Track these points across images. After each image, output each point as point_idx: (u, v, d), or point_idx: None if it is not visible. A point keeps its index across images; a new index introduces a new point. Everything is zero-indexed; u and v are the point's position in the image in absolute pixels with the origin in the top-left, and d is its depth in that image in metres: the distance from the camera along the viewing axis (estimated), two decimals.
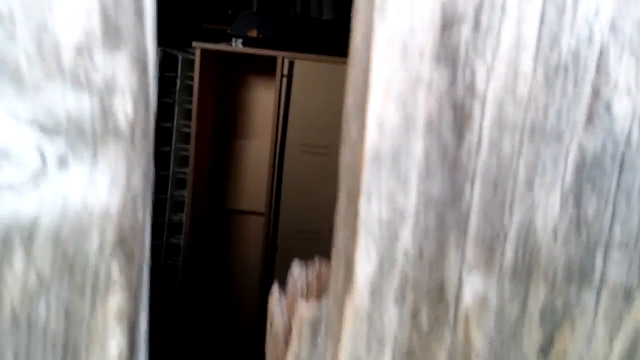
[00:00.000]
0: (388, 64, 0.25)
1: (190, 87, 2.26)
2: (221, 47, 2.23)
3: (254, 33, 2.26)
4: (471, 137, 0.26)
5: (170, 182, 2.31)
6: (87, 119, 0.25)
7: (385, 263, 0.27)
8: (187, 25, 2.45)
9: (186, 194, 2.26)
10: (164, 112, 2.32)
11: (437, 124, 0.26)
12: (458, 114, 0.26)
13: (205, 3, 2.55)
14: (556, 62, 0.26)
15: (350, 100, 0.28)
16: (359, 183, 0.26)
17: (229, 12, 2.28)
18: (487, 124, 0.26)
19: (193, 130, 2.22)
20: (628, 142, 0.26)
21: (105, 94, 0.25)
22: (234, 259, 2.49)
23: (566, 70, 0.26)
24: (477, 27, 0.25)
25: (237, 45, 2.25)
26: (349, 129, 0.28)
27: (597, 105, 0.26)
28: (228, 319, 2.47)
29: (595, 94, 0.26)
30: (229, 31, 2.25)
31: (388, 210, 0.26)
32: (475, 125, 0.26)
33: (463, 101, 0.26)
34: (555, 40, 0.25)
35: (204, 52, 2.19)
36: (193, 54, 2.23)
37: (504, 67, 0.26)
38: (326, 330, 0.31)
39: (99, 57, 0.25)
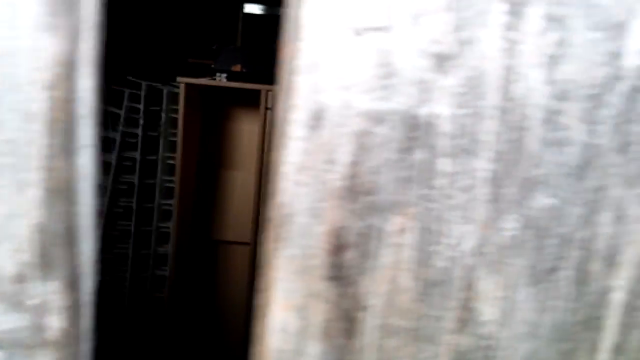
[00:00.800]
0: (288, 278, 0.29)
1: (176, 120, 2.30)
2: (205, 81, 2.27)
3: (237, 67, 2.30)
4: (359, 341, 0.30)
5: (155, 214, 2.33)
6: (24, 334, 0.29)
7: None
8: (173, 60, 2.49)
9: (172, 225, 2.28)
10: (149, 145, 2.35)
11: (331, 330, 0.30)
12: (348, 322, 0.30)
13: (190, 39, 2.60)
14: (431, 279, 0.30)
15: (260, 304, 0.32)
16: None
17: (214, 47, 2.33)
18: (373, 330, 0.30)
19: (178, 162, 2.26)
20: (495, 342, 0.30)
21: (39, 313, 0.29)
22: (221, 290, 2.51)
23: (440, 285, 0.30)
24: (362, 252, 0.29)
25: (221, 80, 2.29)
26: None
27: (467, 314, 0.30)
28: (216, 349, 2.49)
29: (465, 304, 0.30)
30: (213, 66, 2.29)
31: None
32: (362, 331, 0.30)
33: (351, 312, 0.30)
34: (427, 262, 0.30)
35: (188, 86, 2.23)
36: (178, 88, 2.27)
37: (386, 284, 0.30)
38: None
39: (36, 284, 0.29)
